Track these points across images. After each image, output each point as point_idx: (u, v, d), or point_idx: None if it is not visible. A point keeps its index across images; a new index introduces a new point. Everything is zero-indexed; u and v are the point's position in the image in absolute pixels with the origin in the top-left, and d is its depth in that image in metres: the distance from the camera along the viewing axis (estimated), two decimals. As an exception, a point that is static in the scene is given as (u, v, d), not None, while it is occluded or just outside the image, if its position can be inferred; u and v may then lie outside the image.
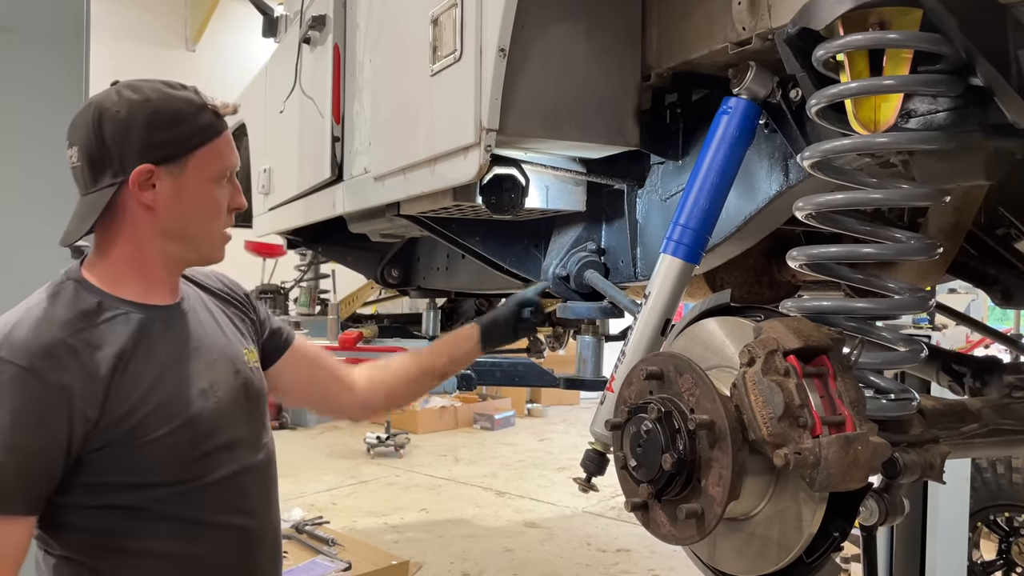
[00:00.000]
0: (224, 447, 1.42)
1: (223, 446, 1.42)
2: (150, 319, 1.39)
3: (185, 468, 1.37)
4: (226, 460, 1.42)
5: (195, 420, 1.38)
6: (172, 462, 1.35)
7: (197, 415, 1.38)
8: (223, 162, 1.40)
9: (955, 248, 1.66)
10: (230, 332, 1.54)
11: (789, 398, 1.01)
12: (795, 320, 1.09)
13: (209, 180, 1.38)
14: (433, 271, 3.16)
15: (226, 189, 1.42)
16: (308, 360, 1.74)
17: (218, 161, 1.39)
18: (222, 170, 1.40)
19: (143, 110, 1.35)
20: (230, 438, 1.44)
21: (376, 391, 1.79)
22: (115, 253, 1.40)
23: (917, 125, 1.24)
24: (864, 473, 1.01)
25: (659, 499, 1.11)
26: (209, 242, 1.45)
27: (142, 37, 9.88)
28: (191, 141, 1.35)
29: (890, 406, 1.20)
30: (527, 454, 8.26)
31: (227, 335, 1.53)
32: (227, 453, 1.43)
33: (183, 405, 1.37)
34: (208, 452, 1.40)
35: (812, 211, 1.23)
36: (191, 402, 1.38)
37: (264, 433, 1.54)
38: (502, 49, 1.51)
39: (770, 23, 1.42)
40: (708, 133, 1.48)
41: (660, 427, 1.09)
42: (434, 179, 1.80)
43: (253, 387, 1.52)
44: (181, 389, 1.39)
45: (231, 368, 1.49)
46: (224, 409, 1.44)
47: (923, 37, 1.10)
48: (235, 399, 1.46)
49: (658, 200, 1.89)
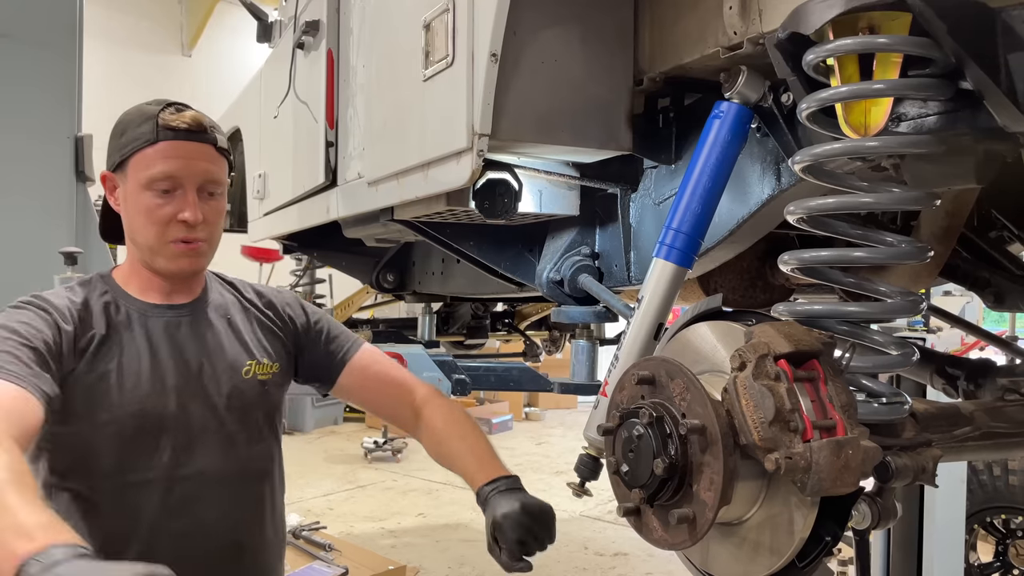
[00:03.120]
0: (177, 448, 1.43)
1: (176, 447, 1.43)
2: (139, 313, 1.48)
3: (125, 459, 1.39)
4: (176, 462, 1.43)
5: (146, 413, 1.40)
6: (113, 450, 1.39)
7: (149, 409, 1.41)
8: (149, 170, 1.42)
9: (947, 251, 1.66)
10: (243, 341, 1.56)
11: (780, 403, 1.00)
12: (786, 324, 1.09)
13: (140, 187, 1.43)
14: (428, 275, 3.15)
15: (165, 199, 1.43)
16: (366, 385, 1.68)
17: (144, 168, 1.42)
18: (150, 178, 1.42)
19: (117, 121, 1.49)
20: (187, 440, 1.44)
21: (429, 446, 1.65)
22: (127, 253, 1.55)
23: (908, 129, 1.24)
24: (855, 477, 1.01)
25: (651, 504, 1.11)
26: (152, 250, 1.47)
27: (138, 43, 9.89)
28: (126, 148, 1.44)
29: (882, 410, 1.20)
30: (524, 458, 8.26)
31: (234, 344, 1.54)
32: (179, 455, 1.43)
33: (138, 396, 1.40)
34: (155, 448, 1.41)
35: (803, 215, 1.23)
36: (148, 396, 1.41)
37: (246, 445, 1.52)
38: (494, 54, 1.51)
39: (761, 27, 1.42)
40: (700, 137, 1.49)
41: (652, 432, 1.09)
42: (427, 184, 1.80)
43: (242, 397, 1.52)
44: (142, 381, 1.42)
45: (215, 374, 1.50)
46: (188, 411, 1.45)
47: (912, 41, 1.10)
48: (206, 404, 1.47)
49: (651, 204, 1.89)
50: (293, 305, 1.68)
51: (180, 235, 1.44)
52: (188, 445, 1.45)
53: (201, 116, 1.48)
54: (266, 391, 1.57)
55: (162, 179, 1.42)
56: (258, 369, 1.55)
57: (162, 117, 1.43)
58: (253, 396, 1.54)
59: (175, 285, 1.53)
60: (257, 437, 1.56)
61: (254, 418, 1.55)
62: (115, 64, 9.30)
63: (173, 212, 1.43)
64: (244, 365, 1.54)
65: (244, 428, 1.53)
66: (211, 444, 1.48)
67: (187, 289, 1.54)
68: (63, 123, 2.41)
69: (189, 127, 1.44)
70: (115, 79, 8.68)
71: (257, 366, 1.55)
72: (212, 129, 1.48)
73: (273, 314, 1.63)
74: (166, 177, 1.42)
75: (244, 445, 1.53)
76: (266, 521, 1.57)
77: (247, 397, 1.53)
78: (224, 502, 1.49)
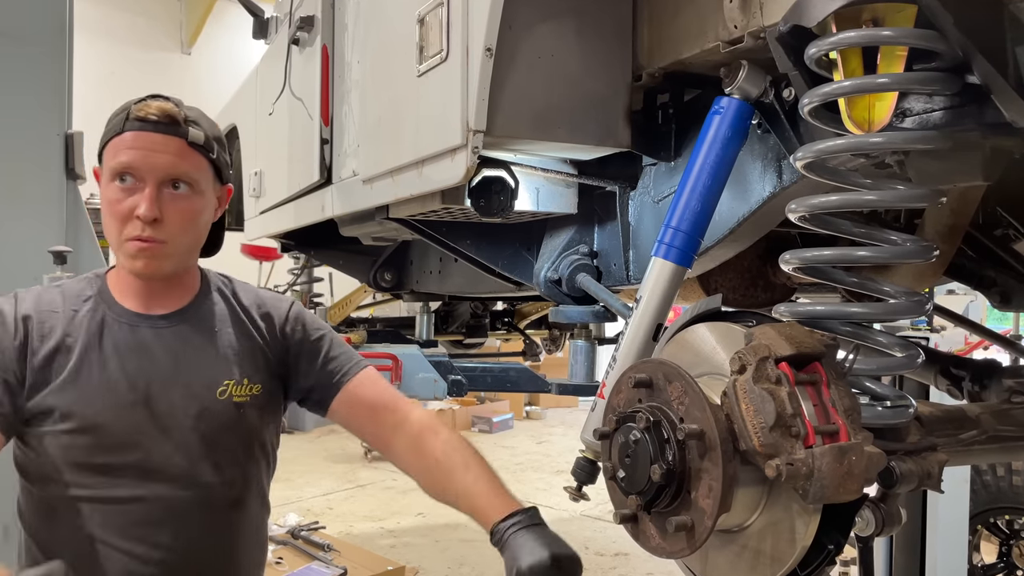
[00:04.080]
0: (134, 467, 1.36)
1: (133, 466, 1.36)
2: (112, 320, 1.41)
3: (78, 474, 1.35)
4: (132, 483, 1.36)
5: (100, 429, 1.35)
6: (67, 463, 1.35)
7: (103, 424, 1.35)
8: (110, 161, 1.37)
9: (952, 250, 1.63)
10: (223, 358, 1.46)
11: (781, 407, 0.97)
12: (787, 326, 1.06)
13: (106, 178, 1.39)
14: (426, 274, 3.12)
15: (125, 192, 1.35)
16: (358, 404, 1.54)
17: (108, 160, 1.38)
18: (109, 170, 1.37)
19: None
20: (146, 460, 1.37)
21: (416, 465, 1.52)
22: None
23: (912, 124, 1.21)
24: (859, 484, 0.98)
25: (648, 511, 1.08)
26: (115, 248, 1.40)
27: (137, 41, 9.86)
28: (102, 139, 1.40)
29: (886, 413, 1.17)
30: (525, 457, 8.23)
31: (214, 360, 1.45)
32: (136, 476, 1.36)
33: (93, 410, 1.35)
34: (111, 467, 1.35)
35: (805, 213, 1.20)
36: (103, 410, 1.35)
37: (216, 469, 1.42)
38: (488, 49, 1.48)
39: (762, 21, 1.39)
40: (700, 134, 1.45)
41: (648, 437, 1.06)
42: (422, 182, 1.77)
43: (213, 418, 1.42)
44: (101, 394, 1.35)
45: (187, 392, 1.41)
46: (148, 432, 1.37)
47: (917, 34, 1.07)
48: (171, 422, 1.39)
49: (651, 202, 1.85)
50: (293, 319, 1.56)
51: (135, 232, 1.35)
52: (147, 466, 1.37)
53: (173, 109, 1.37)
54: (242, 414, 1.45)
55: (120, 170, 1.34)
56: (235, 390, 1.44)
57: (133, 108, 1.36)
58: (226, 419, 1.43)
59: (154, 291, 1.44)
60: (229, 462, 1.44)
61: (225, 442, 1.43)
62: (114, 62, 9.28)
63: (132, 207, 1.34)
64: (220, 385, 1.43)
65: (211, 453, 1.41)
66: (171, 468, 1.38)
67: (170, 296, 1.45)
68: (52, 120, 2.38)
69: (157, 118, 1.35)
70: (114, 77, 8.65)
71: (235, 387, 1.44)
72: (187, 123, 1.38)
73: (267, 328, 1.52)
74: (124, 168, 1.34)
75: (210, 471, 1.41)
76: (237, 549, 1.47)
77: (219, 419, 1.42)
78: (183, 528, 1.39)
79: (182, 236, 1.39)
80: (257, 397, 1.47)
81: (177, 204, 1.37)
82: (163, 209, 1.35)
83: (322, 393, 1.54)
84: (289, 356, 1.54)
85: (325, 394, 1.54)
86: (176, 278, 1.47)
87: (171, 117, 1.36)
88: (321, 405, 1.55)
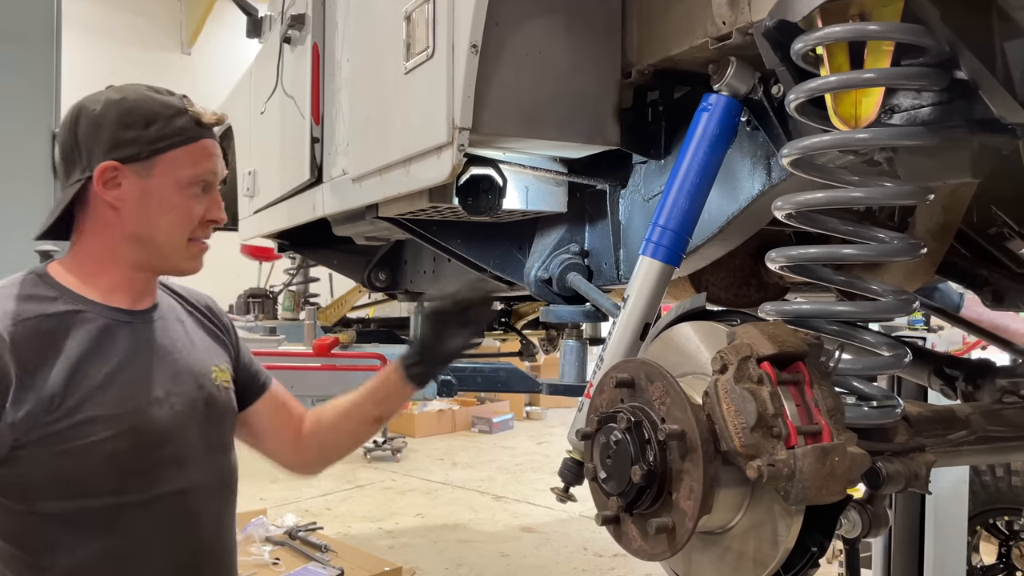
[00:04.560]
0: (172, 461, 1.36)
1: (171, 460, 1.36)
2: (108, 320, 1.37)
3: (123, 478, 1.31)
4: (172, 476, 1.36)
5: (141, 427, 1.32)
6: (110, 470, 1.30)
7: (144, 423, 1.33)
8: (194, 168, 1.35)
9: (944, 248, 1.61)
10: (202, 347, 1.48)
11: (762, 407, 0.96)
12: (770, 325, 1.05)
13: (177, 186, 1.35)
14: (420, 274, 3.11)
15: (199, 199, 1.37)
16: (279, 408, 1.64)
17: (189, 167, 1.35)
18: (192, 177, 1.35)
19: (117, 108, 1.34)
20: (180, 452, 1.37)
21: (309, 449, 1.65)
22: (82, 252, 1.38)
23: (900, 121, 1.19)
24: (842, 485, 0.96)
25: (630, 513, 1.06)
26: (175, 251, 1.39)
27: (137, 41, 9.87)
28: (160, 143, 1.33)
29: (873, 413, 1.15)
30: (525, 457, 8.21)
31: (197, 349, 1.47)
32: (174, 469, 1.36)
33: (129, 411, 1.32)
34: (152, 464, 1.34)
35: (791, 211, 1.18)
36: (139, 408, 1.33)
37: (223, 454, 1.47)
38: (474, 45, 1.46)
39: (750, 17, 1.38)
40: (688, 131, 1.44)
41: (630, 437, 1.04)
42: (409, 180, 1.75)
43: (216, 405, 1.45)
44: (130, 394, 1.33)
45: (194, 382, 1.43)
46: (178, 421, 1.38)
47: (904, 28, 1.05)
48: (192, 413, 1.40)
49: (641, 200, 1.84)
50: (220, 312, 1.61)
51: (205, 234, 1.40)
52: (182, 458, 1.38)
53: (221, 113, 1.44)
54: (230, 397, 1.50)
55: (208, 178, 1.37)
56: (220, 376, 1.47)
57: (194, 112, 1.36)
58: (224, 403, 1.47)
59: (148, 287, 1.44)
60: (231, 445, 1.50)
61: (228, 425, 1.49)
62: (115, 61, 9.28)
63: (203, 211, 1.38)
64: (210, 371, 1.46)
65: (222, 436, 1.47)
66: (200, 455, 1.40)
67: (152, 293, 1.46)
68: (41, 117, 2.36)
69: (217, 124, 1.40)
70: (114, 77, 8.48)
71: (219, 372, 1.47)
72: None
73: (211, 318, 1.56)
74: (211, 175, 1.38)
75: (223, 454, 1.46)
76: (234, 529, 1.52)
77: (220, 404, 1.46)
78: (215, 514, 1.44)
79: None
80: (230, 382, 1.52)
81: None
82: None
83: (248, 391, 1.58)
84: (234, 345, 1.58)
85: (251, 392, 1.59)
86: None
87: (223, 123, 1.43)
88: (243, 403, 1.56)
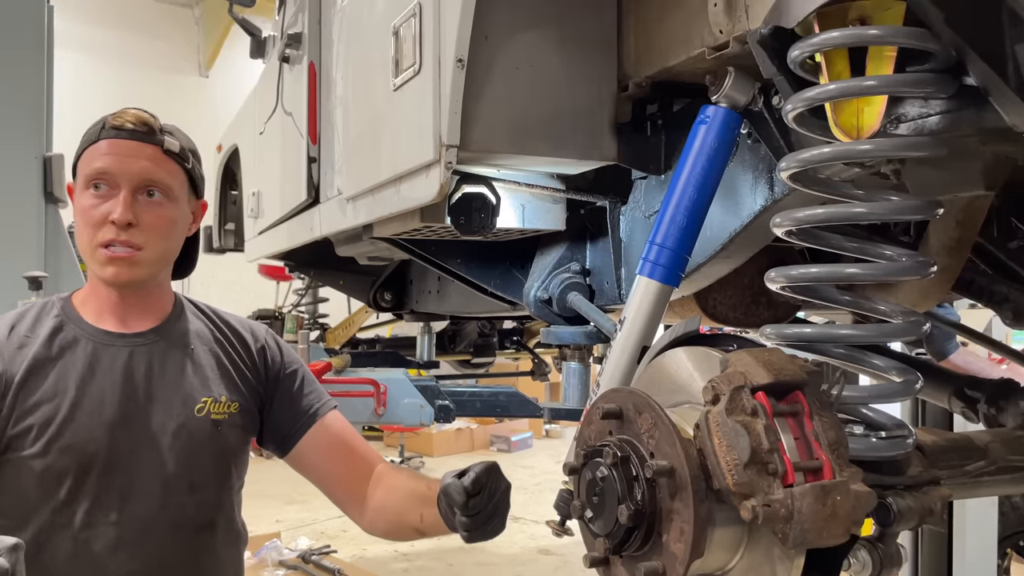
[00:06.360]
0: (117, 490, 1.31)
1: (115, 489, 1.31)
2: (86, 340, 1.37)
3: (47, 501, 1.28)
4: (111, 505, 1.31)
5: (75, 449, 1.29)
6: (36, 489, 1.27)
7: (80, 445, 1.29)
8: (85, 168, 1.36)
9: (959, 264, 1.53)
10: (201, 376, 1.43)
11: (756, 442, 0.88)
12: (766, 351, 0.97)
13: (79, 188, 1.38)
14: (425, 294, 3.05)
15: (98, 199, 1.34)
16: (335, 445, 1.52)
17: (86, 164, 1.36)
18: (83, 177, 1.36)
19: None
20: (119, 484, 1.32)
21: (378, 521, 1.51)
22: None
23: (906, 131, 1.12)
24: (845, 527, 0.88)
25: (619, 554, 0.99)
26: (88, 258, 1.38)
27: (155, 64, 9.96)
28: (77, 152, 1.38)
29: (882, 444, 1.07)
30: (543, 477, 8.10)
31: (192, 378, 1.42)
32: (116, 498, 1.31)
33: (74, 429, 1.29)
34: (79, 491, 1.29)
35: (791, 227, 1.11)
36: (80, 429, 1.30)
37: (187, 491, 1.38)
38: (460, 59, 1.41)
39: (748, 25, 1.32)
40: (685, 145, 1.38)
41: (616, 474, 0.97)
42: (399, 200, 1.70)
43: (189, 437, 1.39)
44: (80, 414, 1.30)
45: (167, 411, 1.38)
46: (127, 451, 1.33)
47: (907, 32, 0.99)
48: (148, 442, 1.35)
49: (642, 217, 1.77)
50: (270, 343, 1.55)
51: (109, 236, 1.33)
52: (119, 487, 1.32)
53: (148, 117, 1.39)
54: (219, 432, 1.42)
55: (95, 176, 1.34)
56: (213, 407, 1.42)
57: (109, 118, 1.37)
58: (203, 436, 1.40)
59: (130, 307, 1.41)
60: (202, 483, 1.41)
61: (201, 461, 1.41)
62: (133, 85, 9.37)
63: (106, 213, 1.33)
64: (198, 402, 1.41)
65: (188, 471, 1.39)
66: (146, 487, 1.34)
67: (146, 313, 1.43)
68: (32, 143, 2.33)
69: (133, 126, 1.35)
70: (133, 101, 8.61)
71: (213, 404, 1.42)
72: (163, 131, 1.39)
73: (243, 349, 1.51)
74: (99, 174, 1.34)
75: (185, 491, 1.38)
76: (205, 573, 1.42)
77: (196, 437, 1.40)
78: (155, 550, 1.35)
79: (157, 243, 1.38)
80: (235, 416, 1.45)
81: (152, 210, 1.36)
82: (138, 215, 1.34)
83: (294, 423, 1.52)
84: (270, 378, 1.52)
85: (298, 425, 1.52)
86: (150, 294, 1.45)
87: (147, 125, 1.37)
88: (290, 436, 1.51)
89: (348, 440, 1.54)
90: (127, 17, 9.79)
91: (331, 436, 1.52)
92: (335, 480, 1.53)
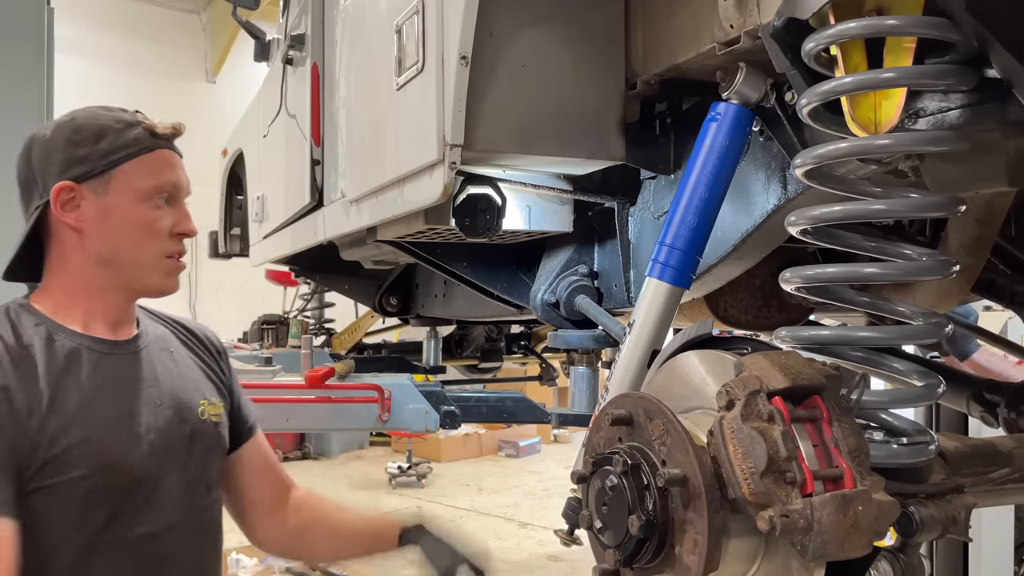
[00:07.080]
0: (148, 500, 1.28)
1: (147, 499, 1.28)
2: (87, 351, 1.31)
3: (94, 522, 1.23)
4: (148, 517, 1.28)
5: (119, 465, 1.25)
6: (83, 509, 1.22)
7: (121, 459, 1.26)
8: (154, 179, 1.31)
9: (979, 264, 1.49)
10: (191, 378, 1.42)
11: (773, 449, 0.84)
12: (783, 354, 0.93)
13: (137, 198, 1.30)
14: (431, 298, 3.02)
15: (163, 211, 1.32)
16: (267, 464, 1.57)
17: (147, 178, 1.30)
18: (152, 188, 1.31)
19: (67, 128, 1.31)
20: (156, 494, 1.30)
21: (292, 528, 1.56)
22: (55, 282, 1.34)
23: (926, 125, 1.08)
24: (867, 538, 0.84)
25: (630, 567, 0.95)
26: (144, 268, 1.33)
27: (162, 70, 9.98)
28: (113, 156, 1.29)
29: (903, 451, 1.03)
30: (552, 482, 8.05)
31: (185, 380, 1.40)
32: (150, 509, 1.28)
33: (107, 446, 1.25)
34: (127, 503, 1.26)
35: (806, 226, 1.07)
36: (116, 444, 1.26)
37: (205, 495, 1.39)
38: (463, 57, 1.38)
39: (759, 19, 1.28)
40: (695, 143, 1.34)
41: (626, 483, 0.93)
42: (403, 202, 1.67)
43: (201, 440, 1.38)
44: (107, 428, 1.26)
45: (177, 416, 1.36)
46: (156, 460, 1.30)
47: (926, 22, 0.95)
48: (171, 451, 1.33)
49: (651, 218, 1.74)
50: (222, 346, 1.55)
51: (177, 248, 1.34)
52: (158, 498, 1.30)
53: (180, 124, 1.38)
54: (219, 433, 1.43)
55: (167, 188, 1.32)
56: (210, 409, 1.41)
57: (148, 124, 1.33)
58: (211, 439, 1.41)
59: (127, 315, 1.38)
60: (215, 483, 1.43)
61: (212, 462, 1.41)
62: (141, 92, 9.35)
63: (171, 224, 1.33)
64: (198, 405, 1.39)
65: (205, 474, 1.39)
66: (177, 494, 1.33)
67: (131, 321, 1.39)
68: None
69: (174, 135, 1.35)
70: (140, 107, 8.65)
71: (209, 405, 1.41)
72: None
73: (204, 351, 1.50)
74: (171, 187, 1.33)
75: (204, 493, 1.39)
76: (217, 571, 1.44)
77: (207, 440, 1.40)
78: (191, 556, 1.36)
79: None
80: (223, 416, 1.46)
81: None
82: None
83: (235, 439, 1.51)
84: (228, 385, 1.52)
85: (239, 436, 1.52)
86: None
87: (180, 134, 1.37)
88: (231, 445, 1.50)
89: (272, 459, 1.59)
90: (134, 24, 9.81)
91: (262, 452, 1.56)
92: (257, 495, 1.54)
